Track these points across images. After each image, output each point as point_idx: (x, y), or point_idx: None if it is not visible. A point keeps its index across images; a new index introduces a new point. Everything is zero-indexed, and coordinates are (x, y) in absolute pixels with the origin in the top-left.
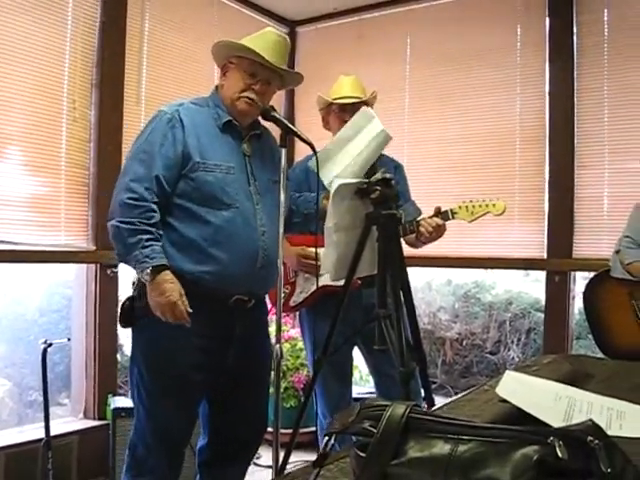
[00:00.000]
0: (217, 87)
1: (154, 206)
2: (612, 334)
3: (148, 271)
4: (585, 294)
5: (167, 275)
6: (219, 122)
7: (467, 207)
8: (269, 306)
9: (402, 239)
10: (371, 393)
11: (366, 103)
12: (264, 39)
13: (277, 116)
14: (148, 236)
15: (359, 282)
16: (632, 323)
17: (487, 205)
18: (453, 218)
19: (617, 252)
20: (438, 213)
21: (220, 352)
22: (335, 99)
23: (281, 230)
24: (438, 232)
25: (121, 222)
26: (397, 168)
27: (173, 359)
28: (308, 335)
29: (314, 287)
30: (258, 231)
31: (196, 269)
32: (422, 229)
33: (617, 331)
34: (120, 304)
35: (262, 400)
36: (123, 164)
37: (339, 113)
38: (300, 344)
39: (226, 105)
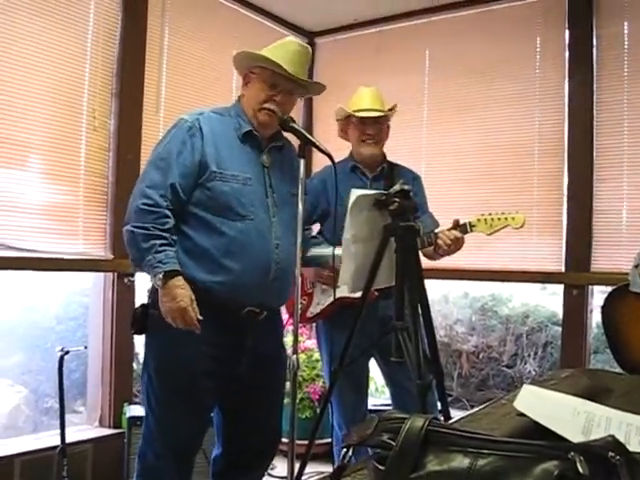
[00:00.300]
0: (239, 97)
1: (168, 212)
2: (630, 349)
3: (160, 276)
4: (604, 308)
5: (179, 281)
6: (239, 132)
7: (486, 220)
8: (286, 317)
9: (420, 251)
10: (387, 405)
11: (386, 117)
12: (285, 49)
13: (295, 127)
14: (162, 241)
15: (376, 294)
16: None
17: (506, 218)
18: (472, 231)
19: (636, 266)
20: (457, 226)
21: (231, 361)
22: (355, 111)
23: (299, 242)
24: (456, 245)
25: (135, 227)
26: (415, 179)
27: (183, 366)
28: (324, 346)
29: (331, 299)
30: (272, 243)
31: (208, 279)
32: (440, 242)
33: (636, 346)
34: (133, 310)
35: (275, 411)
36: (142, 170)
37: (359, 125)
38: (316, 355)
39: (248, 115)
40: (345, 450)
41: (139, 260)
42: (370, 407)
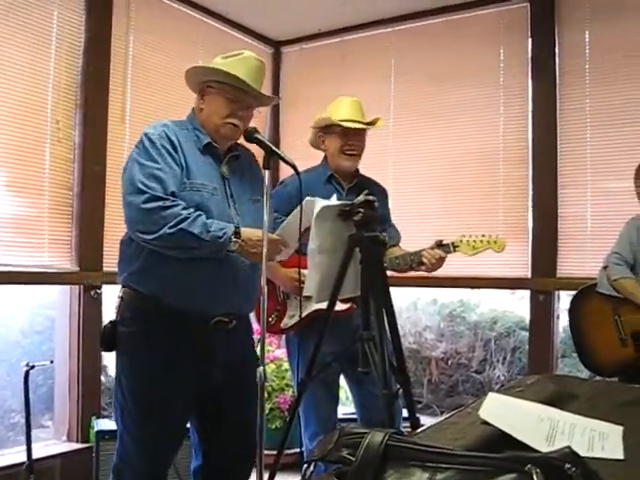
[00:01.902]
0: (193, 110)
1: (171, 198)
2: (596, 350)
3: (234, 241)
4: (570, 309)
5: (245, 232)
6: (199, 144)
7: (468, 242)
8: (256, 327)
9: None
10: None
11: (366, 130)
12: (246, 64)
13: (260, 138)
14: (194, 215)
15: (355, 306)
16: (615, 339)
17: (488, 242)
18: (455, 251)
19: (605, 267)
20: (439, 245)
21: (204, 372)
22: (341, 120)
23: (264, 250)
24: (439, 263)
25: (169, 227)
26: (382, 192)
27: (155, 383)
28: (295, 356)
29: (307, 311)
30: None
31: (173, 291)
32: (425, 260)
33: (601, 347)
34: (102, 327)
35: (252, 419)
36: (124, 196)
37: (342, 136)
38: (286, 365)
39: (206, 128)
40: (306, 466)
41: (199, 248)
42: (340, 416)
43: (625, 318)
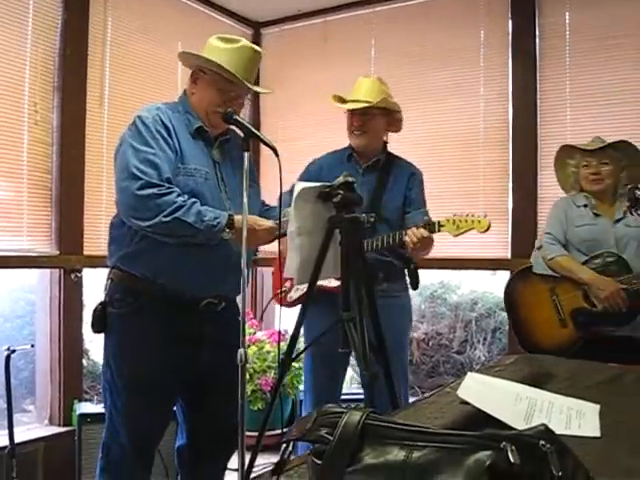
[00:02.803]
0: (185, 92)
1: (166, 185)
2: (534, 331)
3: (227, 231)
4: (506, 291)
5: (238, 221)
6: (190, 128)
7: (454, 221)
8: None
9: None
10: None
11: (378, 108)
12: (241, 55)
13: (239, 119)
14: (189, 202)
15: None
16: (555, 320)
17: (472, 221)
18: (439, 231)
19: (539, 248)
20: (426, 224)
21: (191, 353)
22: (342, 101)
23: (244, 234)
24: (423, 244)
25: (164, 216)
26: (412, 175)
27: (143, 362)
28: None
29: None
30: None
31: (165, 273)
32: (407, 238)
33: (539, 328)
34: (93, 310)
35: (236, 400)
36: (118, 181)
37: (348, 116)
38: (267, 347)
39: (198, 113)
40: (285, 446)
41: (193, 236)
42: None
43: (563, 297)
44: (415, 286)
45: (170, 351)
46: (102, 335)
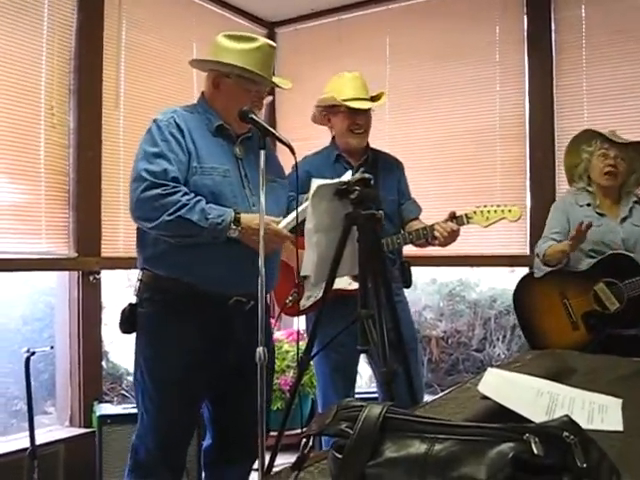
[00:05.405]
0: (203, 94)
1: (172, 184)
2: (546, 335)
3: (232, 231)
4: (515, 297)
5: (245, 218)
6: (211, 127)
7: (482, 212)
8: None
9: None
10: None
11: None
12: (262, 54)
13: (255, 118)
14: (193, 201)
15: None
16: (566, 323)
17: (502, 211)
18: (468, 223)
19: (537, 255)
20: (453, 217)
21: (220, 352)
22: (346, 100)
23: (261, 233)
24: (452, 237)
25: (168, 215)
26: (398, 166)
27: (173, 361)
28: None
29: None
30: None
31: (193, 271)
32: (437, 234)
33: (551, 332)
34: (121, 310)
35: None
36: (131, 184)
37: (349, 115)
38: (286, 346)
39: (218, 112)
40: (305, 440)
41: (198, 234)
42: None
43: (573, 301)
44: (408, 284)
45: (198, 351)
46: (125, 336)
